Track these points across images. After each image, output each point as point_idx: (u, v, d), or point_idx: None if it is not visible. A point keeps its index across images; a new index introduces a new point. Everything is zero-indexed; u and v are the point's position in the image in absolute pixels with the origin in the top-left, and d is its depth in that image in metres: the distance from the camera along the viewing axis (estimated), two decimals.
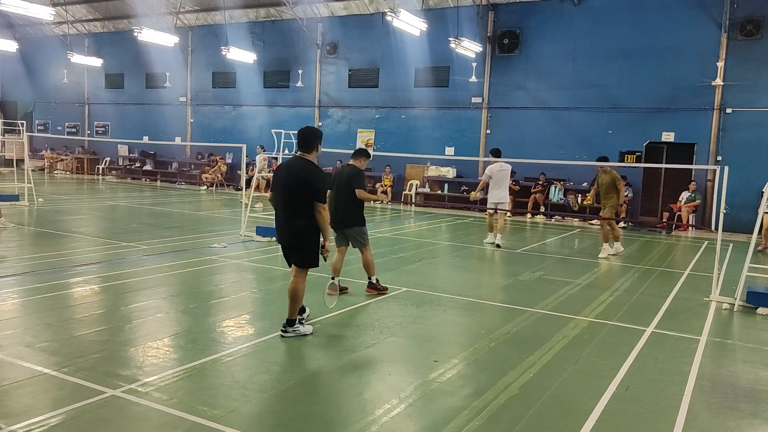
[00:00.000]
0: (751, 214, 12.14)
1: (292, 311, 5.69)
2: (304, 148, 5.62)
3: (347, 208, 7.24)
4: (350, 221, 7.29)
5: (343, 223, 7.32)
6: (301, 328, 5.75)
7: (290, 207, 5.49)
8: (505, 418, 4.21)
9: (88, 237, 11.22)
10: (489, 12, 19.85)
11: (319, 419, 4.13)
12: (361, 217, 7.37)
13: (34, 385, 4.41)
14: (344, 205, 7.24)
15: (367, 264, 7.50)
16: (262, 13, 24.08)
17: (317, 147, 5.64)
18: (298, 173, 5.47)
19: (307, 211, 5.43)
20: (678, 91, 17.21)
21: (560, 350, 5.75)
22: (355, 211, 7.29)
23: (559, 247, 12.82)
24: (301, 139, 5.64)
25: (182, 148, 26.77)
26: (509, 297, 7.91)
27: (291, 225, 5.51)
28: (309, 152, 5.60)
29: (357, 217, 7.31)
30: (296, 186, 5.43)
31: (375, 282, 7.62)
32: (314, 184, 5.40)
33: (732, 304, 7.68)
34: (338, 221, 7.29)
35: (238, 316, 6.47)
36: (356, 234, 7.32)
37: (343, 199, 7.24)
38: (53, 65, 29.68)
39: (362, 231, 7.37)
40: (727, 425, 4.32)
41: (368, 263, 7.50)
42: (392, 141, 21.56)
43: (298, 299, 5.66)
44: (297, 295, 5.63)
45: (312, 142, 5.60)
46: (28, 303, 6.69)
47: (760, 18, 16.21)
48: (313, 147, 5.60)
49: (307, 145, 5.60)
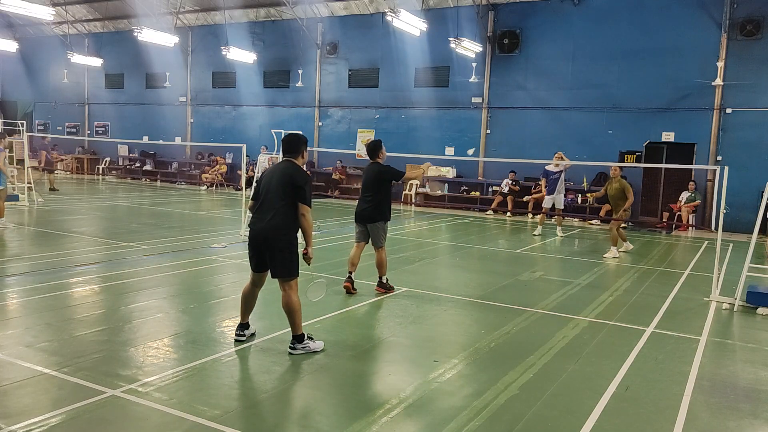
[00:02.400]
0: (751, 214, 12.14)
1: (296, 326, 5.34)
2: (290, 153, 5.54)
3: (378, 204, 7.52)
4: (378, 215, 7.53)
5: (370, 218, 7.55)
6: (311, 344, 5.36)
7: (273, 208, 5.27)
8: (505, 418, 4.22)
9: (88, 237, 11.22)
10: (489, 12, 19.85)
11: (319, 419, 4.13)
12: (388, 213, 7.66)
13: (34, 385, 4.41)
14: (373, 201, 7.52)
15: (381, 263, 7.66)
16: (262, 13, 24.08)
17: (303, 153, 5.58)
18: (284, 174, 5.36)
19: (288, 214, 5.27)
20: (678, 91, 17.21)
21: (560, 350, 5.75)
22: (384, 206, 7.59)
23: (559, 247, 12.82)
24: (287, 145, 5.56)
25: (182, 148, 26.77)
26: (509, 297, 7.91)
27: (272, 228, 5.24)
28: (295, 157, 5.52)
29: (384, 212, 7.59)
30: (281, 186, 5.29)
31: (385, 281, 7.71)
32: (301, 185, 5.28)
33: (732, 304, 7.68)
34: (365, 216, 7.58)
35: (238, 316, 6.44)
36: (380, 229, 7.56)
37: (372, 195, 7.53)
38: (53, 65, 29.67)
39: (385, 228, 7.64)
40: (727, 425, 4.32)
41: (382, 262, 7.66)
42: (392, 141, 21.47)
43: (295, 311, 5.31)
44: (292, 307, 5.30)
45: (297, 147, 5.53)
46: (28, 303, 6.69)
47: (760, 18, 16.21)
48: (299, 152, 5.54)
49: (293, 150, 5.53)
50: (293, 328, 5.36)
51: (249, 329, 5.69)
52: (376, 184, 7.54)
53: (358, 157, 22.47)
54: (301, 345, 5.32)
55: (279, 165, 5.60)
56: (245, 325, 5.67)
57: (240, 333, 5.62)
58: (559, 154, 14.02)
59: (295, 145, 5.55)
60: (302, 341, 5.34)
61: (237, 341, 5.58)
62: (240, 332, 5.62)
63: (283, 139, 5.70)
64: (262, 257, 5.39)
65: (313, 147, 21.64)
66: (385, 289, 7.69)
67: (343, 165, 22.50)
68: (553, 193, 14.04)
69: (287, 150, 5.58)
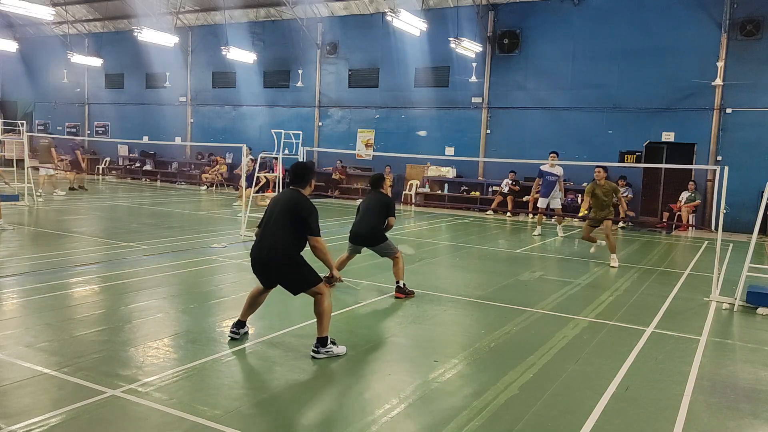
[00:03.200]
0: (751, 214, 12.14)
1: (322, 328, 5.27)
2: (296, 183, 5.47)
3: (375, 228, 7.72)
4: (377, 240, 7.74)
5: (369, 242, 7.79)
6: (334, 349, 5.29)
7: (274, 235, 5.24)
8: (505, 418, 4.22)
9: (88, 237, 11.22)
10: (489, 12, 19.84)
11: (319, 419, 4.13)
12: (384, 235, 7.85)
13: (34, 385, 4.41)
14: (372, 226, 7.72)
15: (399, 270, 7.69)
16: (262, 13, 24.08)
17: (311, 182, 5.54)
18: (288, 204, 5.31)
19: (288, 240, 5.22)
20: (678, 91, 17.20)
21: (560, 350, 5.75)
22: (381, 231, 7.77)
23: (559, 247, 12.82)
24: (294, 174, 5.48)
25: (182, 148, 26.77)
26: (509, 297, 7.91)
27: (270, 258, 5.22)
28: (303, 187, 5.46)
29: (382, 235, 7.78)
30: (284, 214, 5.25)
31: (403, 286, 7.64)
32: (305, 216, 5.20)
33: (732, 304, 7.68)
34: (366, 239, 7.79)
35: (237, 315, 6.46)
36: (384, 248, 7.76)
37: (372, 220, 7.74)
38: (53, 65, 29.67)
39: (388, 244, 7.77)
40: (727, 425, 4.32)
41: (399, 269, 7.69)
42: (392, 141, 21.55)
43: (324, 314, 5.25)
44: (322, 311, 5.25)
45: (305, 177, 5.48)
46: (28, 303, 6.69)
47: (760, 18, 16.21)
48: (306, 182, 5.49)
49: (300, 180, 5.47)
50: (319, 330, 5.27)
51: (244, 328, 5.70)
52: (380, 213, 7.75)
53: (358, 157, 22.51)
54: (324, 349, 5.25)
55: (285, 193, 5.52)
56: (242, 323, 5.67)
57: (235, 331, 5.63)
58: (552, 155, 13.98)
59: (302, 175, 5.46)
60: (326, 345, 5.26)
61: (231, 338, 5.59)
62: (235, 330, 5.64)
63: (291, 167, 5.63)
64: (269, 278, 5.41)
65: (313, 147, 21.64)
66: (404, 293, 7.59)
67: (343, 165, 22.50)
68: (547, 196, 14.01)
69: (294, 179, 5.48)
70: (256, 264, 5.38)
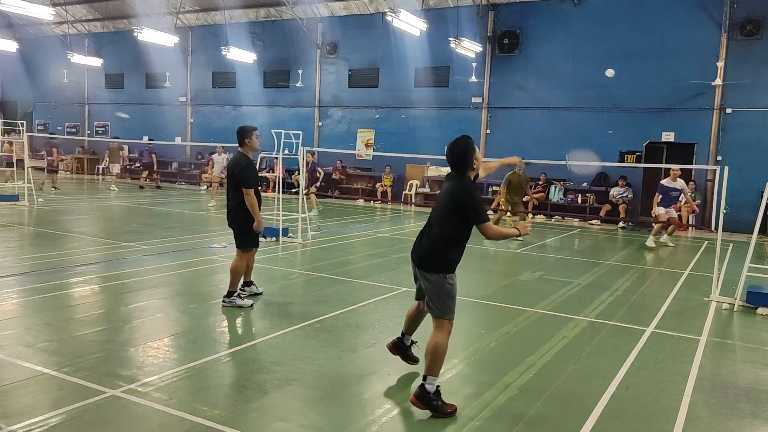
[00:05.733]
0: (751, 214, 12.14)
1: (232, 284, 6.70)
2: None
3: (437, 241, 4.41)
4: (435, 259, 4.41)
5: (422, 260, 4.46)
6: (237, 300, 6.63)
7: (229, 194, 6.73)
8: (505, 418, 4.22)
9: (88, 237, 11.22)
10: (489, 12, 19.85)
11: (320, 419, 4.13)
12: (450, 259, 4.43)
13: (34, 385, 4.41)
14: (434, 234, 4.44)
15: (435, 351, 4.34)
16: (262, 13, 24.08)
17: (245, 141, 6.80)
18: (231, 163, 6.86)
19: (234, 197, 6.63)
20: (678, 91, 17.21)
21: (560, 350, 5.74)
22: (448, 247, 4.41)
23: (559, 247, 12.82)
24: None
25: (182, 148, 26.77)
26: (509, 297, 7.91)
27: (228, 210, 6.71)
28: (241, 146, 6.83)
29: (446, 256, 4.40)
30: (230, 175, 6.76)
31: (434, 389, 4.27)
32: (236, 172, 6.59)
33: (732, 304, 7.68)
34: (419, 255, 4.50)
35: (238, 316, 6.47)
36: (436, 285, 4.37)
37: (438, 225, 4.45)
38: (53, 65, 29.66)
39: (444, 283, 4.37)
40: (727, 425, 4.32)
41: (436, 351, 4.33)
42: (392, 141, 21.56)
43: (238, 274, 6.66)
44: (236, 271, 6.66)
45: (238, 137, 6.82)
46: (28, 303, 6.69)
47: (760, 18, 16.21)
48: (240, 143, 6.81)
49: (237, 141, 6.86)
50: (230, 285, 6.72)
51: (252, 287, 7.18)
52: (448, 209, 4.42)
53: (358, 157, 22.52)
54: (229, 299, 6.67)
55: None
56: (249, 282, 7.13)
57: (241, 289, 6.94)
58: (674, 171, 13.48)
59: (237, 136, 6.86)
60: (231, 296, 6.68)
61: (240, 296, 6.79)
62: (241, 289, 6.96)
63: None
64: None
65: (313, 147, 21.64)
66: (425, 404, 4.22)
67: (343, 165, 22.50)
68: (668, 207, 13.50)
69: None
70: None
